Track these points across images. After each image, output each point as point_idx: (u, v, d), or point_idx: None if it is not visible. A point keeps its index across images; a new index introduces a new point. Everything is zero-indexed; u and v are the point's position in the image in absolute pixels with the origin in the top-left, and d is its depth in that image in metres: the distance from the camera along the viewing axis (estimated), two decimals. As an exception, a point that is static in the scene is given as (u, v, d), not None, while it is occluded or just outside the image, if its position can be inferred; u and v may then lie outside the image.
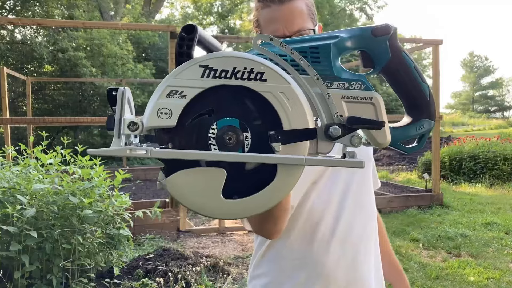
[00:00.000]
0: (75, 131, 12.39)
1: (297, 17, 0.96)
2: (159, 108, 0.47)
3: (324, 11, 20.98)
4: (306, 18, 0.97)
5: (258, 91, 0.48)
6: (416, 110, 0.59)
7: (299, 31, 0.95)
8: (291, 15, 0.95)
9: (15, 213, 2.66)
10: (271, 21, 0.96)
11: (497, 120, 33.00)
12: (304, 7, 0.98)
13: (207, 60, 0.48)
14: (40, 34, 11.85)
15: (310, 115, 0.49)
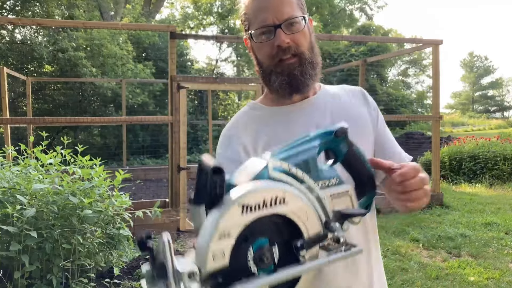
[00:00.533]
0: (75, 131, 12.39)
1: (286, 6, 0.96)
2: (214, 252, 0.51)
3: (324, 11, 20.98)
4: (295, 7, 0.98)
5: (283, 213, 0.56)
6: (365, 185, 0.73)
7: (289, 19, 0.95)
8: (280, 4, 0.96)
9: (15, 213, 2.66)
10: (260, 10, 0.97)
11: (497, 120, 32.98)
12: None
13: (244, 198, 0.53)
14: (40, 34, 11.84)
15: (319, 220, 0.60)
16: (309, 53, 0.99)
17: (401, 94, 21.71)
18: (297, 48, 0.97)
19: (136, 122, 9.10)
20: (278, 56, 0.96)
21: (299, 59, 0.97)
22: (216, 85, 5.69)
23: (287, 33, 0.95)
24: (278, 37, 0.95)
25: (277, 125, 1.00)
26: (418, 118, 17.09)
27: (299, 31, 0.97)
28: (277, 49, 0.96)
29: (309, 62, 0.98)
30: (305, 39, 0.98)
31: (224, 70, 20.84)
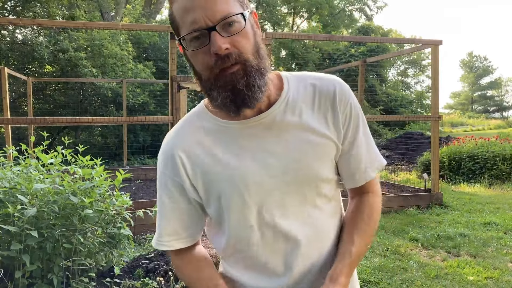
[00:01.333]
0: (76, 131, 12.40)
1: (219, 2, 0.78)
2: None
3: (323, 11, 20.99)
4: (231, 2, 0.79)
5: None
6: None
7: (225, 18, 0.78)
8: (212, 1, 0.78)
9: (16, 213, 2.67)
10: (188, 11, 0.78)
11: (496, 120, 33.00)
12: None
13: None
14: (41, 34, 11.86)
15: None
16: (255, 58, 0.82)
17: (400, 94, 21.72)
18: (240, 54, 0.79)
19: (136, 122, 9.11)
20: (217, 66, 0.79)
21: (243, 68, 0.80)
22: (216, 85, 5.71)
23: (224, 36, 0.78)
24: (214, 42, 0.77)
25: (224, 151, 0.88)
26: (417, 118, 17.11)
27: (239, 32, 0.79)
28: (216, 57, 0.78)
29: (255, 70, 0.81)
30: (248, 40, 0.81)
31: (224, 70, 20.84)
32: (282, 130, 0.88)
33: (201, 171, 0.89)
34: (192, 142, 0.91)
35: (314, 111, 0.90)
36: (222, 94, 0.81)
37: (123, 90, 10.57)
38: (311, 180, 0.90)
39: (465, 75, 51.40)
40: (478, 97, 49.57)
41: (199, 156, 0.89)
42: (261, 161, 0.87)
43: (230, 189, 0.88)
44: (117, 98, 11.74)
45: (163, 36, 13.73)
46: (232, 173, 0.87)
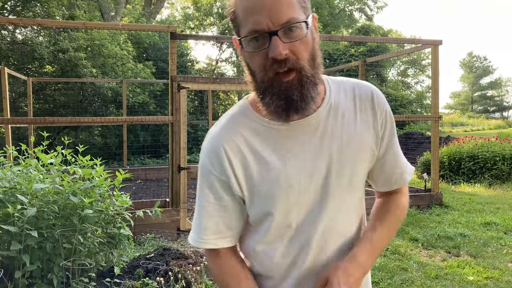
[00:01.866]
0: (76, 131, 12.40)
1: (285, 6, 0.78)
2: None
3: (323, 11, 20.99)
4: (296, 7, 0.79)
5: None
6: None
7: (288, 23, 0.78)
8: (277, 6, 0.77)
9: (16, 213, 2.67)
10: (252, 11, 0.78)
11: (496, 120, 32.99)
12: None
13: None
14: (41, 34, 11.86)
15: None
16: (310, 68, 0.82)
17: (400, 94, 21.71)
18: (296, 61, 0.80)
19: (136, 122, 9.11)
20: (272, 69, 0.80)
21: (299, 77, 0.81)
22: (216, 85, 5.71)
23: (284, 42, 0.78)
24: (274, 47, 0.77)
25: (270, 152, 0.89)
26: (417, 118, 17.10)
27: (300, 39, 0.80)
28: (272, 61, 0.79)
29: (310, 81, 0.82)
30: (306, 48, 0.81)
31: (225, 70, 20.85)
32: (326, 133, 0.90)
33: (247, 170, 0.90)
34: (238, 140, 0.90)
35: (356, 115, 0.93)
36: (275, 102, 0.82)
37: (123, 90, 10.57)
38: (352, 183, 0.93)
39: (465, 75, 51.39)
40: (478, 97, 49.57)
41: (244, 155, 0.89)
42: (305, 163, 0.89)
43: (275, 190, 0.88)
44: (117, 97, 11.74)
45: (163, 36, 13.73)
46: (278, 173, 0.88)
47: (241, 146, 0.90)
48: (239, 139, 0.90)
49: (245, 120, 0.92)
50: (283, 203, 0.89)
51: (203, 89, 8.83)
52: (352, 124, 0.92)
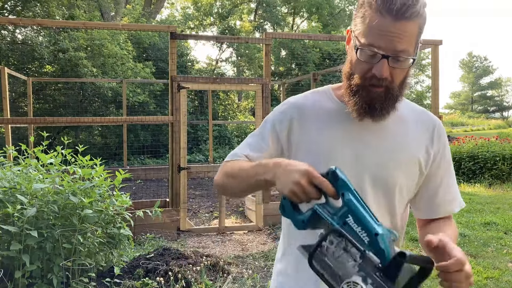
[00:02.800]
0: (76, 131, 12.40)
1: (405, 39, 0.90)
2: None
3: (323, 11, 20.99)
4: (413, 42, 0.92)
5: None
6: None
7: (400, 55, 0.91)
8: (400, 37, 0.90)
9: (15, 213, 2.67)
10: (378, 31, 0.90)
11: (496, 120, 33.01)
12: (416, 29, 0.92)
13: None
14: (41, 34, 11.85)
15: None
16: (398, 89, 0.97)
17: (401, 94, 21.66)
18: (390, 82, 0.95)
19: (136, 122, 9.11)
20: (370, 80, 0.94)
21: (386, 91, 0.95)
22: (216, 85, 5.71)
23: (390, 66, 0.92)
24: (380, 68, 0.92)
25: (331, 137, 1.02)
26: (418, 118, 17.05)
27: (402, 68, 0.94)
28: (372, 75, 0.93)
29: (394, 98, 0.96)
30: (403, 75, 0.96)
31: (225, 70, 20.85)
32: (388, 133, 1.03)
33: (305, 135, 1.04)
34: (310, 109, 1.06)
35: (417, 133, 1.05)
36: (361, 103, 0.97)
37: (123, 90, 10.57)
38: (388, 185, 1.01)
39: (465, 75, 51.39)
40: (478, 97, 49.58)
41: (312, 123, 1.05)
42: (355, 148, 1.01)
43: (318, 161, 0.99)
44: (117, 97, 11.74)
45: (163, 36, 13.72)
46: (329, 148, 1.02)
47: (310, 114, 1.06)
48: (311, 108, 1.06)
49: (324, 98, 1.08)
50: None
51: (203, 89, 8.83)
52: (411, 136, 1.04)
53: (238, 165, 1.03)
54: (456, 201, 1.09)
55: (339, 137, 1.02)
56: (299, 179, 0.84)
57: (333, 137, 1.02)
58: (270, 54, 5.32)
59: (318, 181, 0.83)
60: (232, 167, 1.05)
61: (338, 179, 0.82)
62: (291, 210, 0.88)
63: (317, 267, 0.77)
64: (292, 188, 0.85)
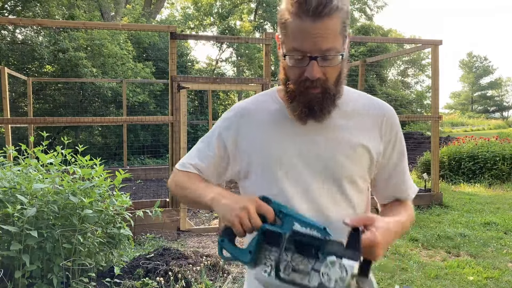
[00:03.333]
0: (76, 131, 12.40)
1: (329, 37, 0.90)
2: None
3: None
4: (338, 37, 0.92)
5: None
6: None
7: (327, 54, 0.91)
8: (323, 36, 0.89)
9: (15, 213, 2.67)
10: (300, 35, 0.90)
11: (496, 120, 33.00)
12: (339, 25, 0.91)
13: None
14: (41, 34, 11.85)
15: None
16: (335, 87, 0.97)
17: (400, 94, 21.72)
18: (325, 81, 0.94)
19: (136, 122, 9.11)
20: (304, 84, 0.95)
21: (323, 92, 0.95)
22: (216, 85, 5.71)
23: (320, 65, 0.92)
24: (311, 69, 0.92)
25: (276, 138, 1.03)
26: (417, 118, 17.10)
27: (333, 66, 0.94)
28: (306, 78, 0.93)
29: (331, 97, 0.97)
30: (336, 72, 0.96)
31: (225, 70, 20.85)
32: (332, 128, 1.02)
33: (251, 138, 1.05)
34: (255, 112, 1.07)
35: (365, 124, 1.05)
36: (300, 107, 0.97)
37: (123, 90, 10.57)
38: (338, 178, 1.01)
39: (465, 75, 51.37)
40: (478, 97, 49.55)
41: (256, 126, 1.05)
42: (301, 147, 1.01)
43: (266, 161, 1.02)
44: (117, 97, 11.74)
45: (163, 36, 13.72)
46: (276, 149, 1.02)
47: (256, 117, 1.06)
48: (257, 111, 1.07)
49: (269, 100, 1.09)
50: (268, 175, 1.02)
51: (203, 89, 8.83)
52: (357, 129, 1.03)
53: (186, 180, 1.07)
54: (411, 188, 1.11)
55: (284, 137, 1.02)
56: (247, 206, 0.88)
57: (278, 138, 1.03)
58: (270, 54, 5.31)
59: (265, 209, 0.89)
60: (182, 179, 1.09)
61: (272, 202, 0.91)
62: (233, 247, 0.92)
63: (286, 278, 0.83)
64: (239, 214, 0.88)
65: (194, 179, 1.07)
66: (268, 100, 1.08)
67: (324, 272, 0.77)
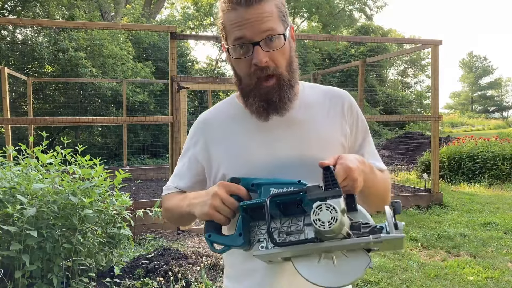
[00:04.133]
0: (76, 131, 12.40)
1: (266, 20, 0.90)
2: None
3: (323, 11, 20.99)
4: (276, 20, 0.92)
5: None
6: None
7: (268, 36, 0.91)
8: (259, 19, 0.90)
9: (15, 213, 2.67)
10: (237, 26, 0.91)
11: (496, 120, 33.02)
12: (274, 9, 0.92)
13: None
14: (41, 34, 11.85)
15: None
16: (288, 73, 0.96)
17: (400, 94, 21.72)
18: (276, 68, 0.93)
19: (136, 122, 9.11)
20: (256, 74, 0.93)
21: (278, 81, 0.94)
22: (216, 85, 5.71)
23: (265, 51, 0.91)
24: (256, 55, 0.91)
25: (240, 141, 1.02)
26: (417, 118, 17.11)
27: (278, 49, 0.93)
28: (255, 68, 0.92)
29: (287, 84, 0.95)
30: (284, 56, 0.95)
31: (225, 70, 20.85)
32: (296, 122, 1.01)
33: (217, 145, 1.05)
34: (215, 120, 1.08)
35: (326, 112, 1.04)
36: (258, 103, 0.96)
37: (123, 90, 10.57)
38: (313, 169, 0.98)
39: (465, 75, 51.38)
40: (478, 97, 49.56)
41: (220, 132, 1.05)
42: (268, 146, 1.00)
43: (237, 163, 1.01)
44: (117, 97, 11.74)
45: (163, 36, 13.72)
46: (244, 152, 1.01)
47: (218, 126, 1.06)
48: (219, 120, 1.07)
49: (227, 106, 1.09)
50: (244, 172, 1.00)
51: (203, 89, 8.83)
52: (321, 118, 1.03)
53: (171, 200, 1.09)
54: (380, 162, 1.11)
55: (249, 138, 1.01)
56: (216, 191, 0.88)
57: (242, 140, 1.02)
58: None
59: (234, 187, 0.89)
60: (166, 204, 1.11)
61: (240, 180, 0.91)
62: (222, 237, 0.91)
63: (284, 242, 0.83)
64: (212, 202, 0.88)
65: (174, 196, 1.09)
66: (227, 107, 1.09)
67: (315, 219, 0.76)
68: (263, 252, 0.84)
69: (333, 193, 0.79)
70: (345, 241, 0.79)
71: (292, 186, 0.86)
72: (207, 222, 0.92)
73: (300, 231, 0.83)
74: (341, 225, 0.76)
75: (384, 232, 0.80)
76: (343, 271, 0.80)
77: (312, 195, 0.80)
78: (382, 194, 1.04)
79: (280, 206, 0.85)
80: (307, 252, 0.81)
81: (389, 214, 0.83)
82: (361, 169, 0.88)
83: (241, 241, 0.87)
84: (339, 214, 0.76)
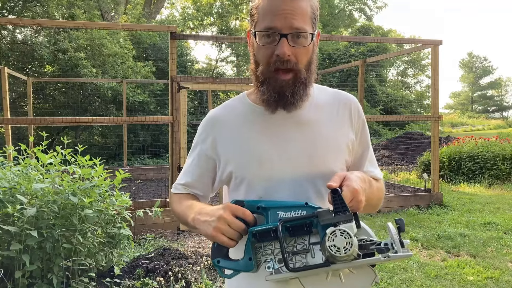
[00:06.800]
0: (76, 131, 12.40)
1: (299, 16, 0.93)
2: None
3: (323, 11, 20.98)
4: (308, 20, 0.95)
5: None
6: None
7: (297, 31, 0.92)
8: (293, 13, 0.92)
9: (15, 213, 2.67)
10: (272, 12, 0.93)
11: (496, 120, 33.02)
12: (309, 9, 0.95)
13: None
14: (41, 34, 11.84)
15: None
16: (306, 72, 0.97)
17: (400, 94, 21.71)
18: (296, 64, 0.95)
19: (136, 122, 9.11)
20: (275, 64, 0.94)
21: (294, 77, 0.95)
22: (216, 85, 5.71)
23: (291, 45, 0.93)
24: (281, 46, 0.92)
25: (250, 138, 1.03)
26: (417, 118, 17.10)
27: (303, 47, 0.95)
28: (276, 58, 0.94)
29: (303, 82, 0.96)
30: (306, 55, 0.96)
31: (224, 70, 20.85)
32: (305, 123, 1.02)
33: (226, 142, 1.05)
34: (226, 117, 1.08)
35: (336, 114, 1.06)
36: (270, 91, 0.96)
37: (123, 90, 10.57)
38: (322, 171, 1.01)
39: (465, 75, 51.36)
40: (478, 97, 49.55)
41: (229, 130, 1.06)
42: (277, 145, 1.01)
43: (245, 161, 1.02)
44: (117, 97, 11.73)
45: (163, 36, 13.72)
46: (254, 149, 1.01)
47: (228, 123, 1.06)
48: (229, 117, 1.07)
49: (238, 103, 1.10)
50: (251, 175, 1.01)
51: (203, 89, 8.82)
52: (330, 120, 1.05)
53: (178, 205, 1.10)
54: (377, 169, 1.13)
55: (259, 137, 1.02)
56: (222, 214, 0.88)
57: (252, 139, 1.02)
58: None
59: (240, 212, 0.88)
60: (174, 205, 1.12)
61: (244, 202, 0.91)
62: (231, 262, 0.91)
63: (295, 266, 0.84)
64: (217, 225, 0.87)
65: (182, 200, 1.10)
66: (237, 105, 1.09)
67: (330, 246, 0.78)
68: (276, 277, 0.85)
69: (345, 217, 0.81)
70: (356, 262, 0.80)
71: (300, 209, 0.87)
72: (214, 247, 0.92)
73: (307, 250, 0.85)
74: (354, 248, 0.78)
75: (390, 248, 0.82)
76: (351, 287, 0.83)
77: (325, 220, 0.81)
78: (375, 204, 1.07)
79: (290, 230, 0.86)
80: (317, 273, 0.83)
81: (393, 231, 0.84)
82: (364, 188, 0.90)
83: (252, 266, 0.88)
84: (354, 239, 0.78)
